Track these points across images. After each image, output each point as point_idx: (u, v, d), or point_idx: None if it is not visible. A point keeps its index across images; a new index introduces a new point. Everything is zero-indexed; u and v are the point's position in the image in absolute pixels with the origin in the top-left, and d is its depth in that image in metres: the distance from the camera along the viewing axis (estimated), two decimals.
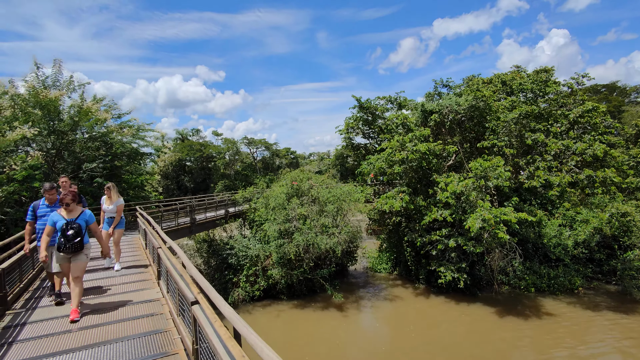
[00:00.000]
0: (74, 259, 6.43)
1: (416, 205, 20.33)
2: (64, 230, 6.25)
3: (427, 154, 19.81)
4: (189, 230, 19.49)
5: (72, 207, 6.41)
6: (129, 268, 9.69)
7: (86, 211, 6.67)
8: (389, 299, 20.73)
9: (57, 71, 17.05)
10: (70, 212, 6.42)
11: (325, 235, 19.56)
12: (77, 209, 6.56)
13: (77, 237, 6.28)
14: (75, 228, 6.29)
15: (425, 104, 22.39)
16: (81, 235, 6.36)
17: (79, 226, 6.34)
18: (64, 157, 17.25)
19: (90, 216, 6.66)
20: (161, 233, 8.59)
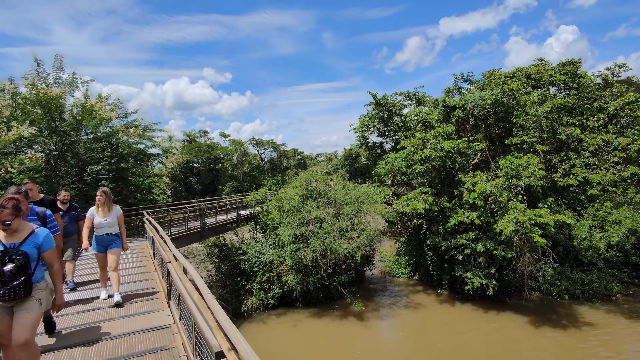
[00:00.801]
0: (17, 311, 3.93)
1: (440, 207, 19.04)
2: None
3: (451, 152, 18.52)
4: (200, 235, 18.44)
5: (14, 225, 4.00)
6: (134, 282, 8.58)
7: (38, 232, 4.19)
8: (411, 307, 19.46)
9: (58, 67, 16.11)
10: (11, 235, 4.03)
11: (343, 239, 18.38)
12: (24, 227, 4.13)
13: (20, 275, 3.85)
14: (18, 260, 3.86)
15: (447, 99, 21.09)
16: (27, 272, 3.89)
17: (24, 256, 3.91)
18: (67, 159, 16.29)
19: (46, 238, 4.19)
20: (170, 245, 7.47)
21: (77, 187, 16.18)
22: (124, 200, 19.99)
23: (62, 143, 15.30)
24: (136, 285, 8.37)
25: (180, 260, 6.08)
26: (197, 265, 23.11)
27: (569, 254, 21.37)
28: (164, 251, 7.24)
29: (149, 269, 9.89)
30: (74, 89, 16.52)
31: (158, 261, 8.90)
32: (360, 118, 27.02)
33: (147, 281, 8.65)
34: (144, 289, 7.99)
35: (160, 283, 8.22)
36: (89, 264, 10.97)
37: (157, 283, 8.39)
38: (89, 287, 8.48)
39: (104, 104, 16.87)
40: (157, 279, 8.75)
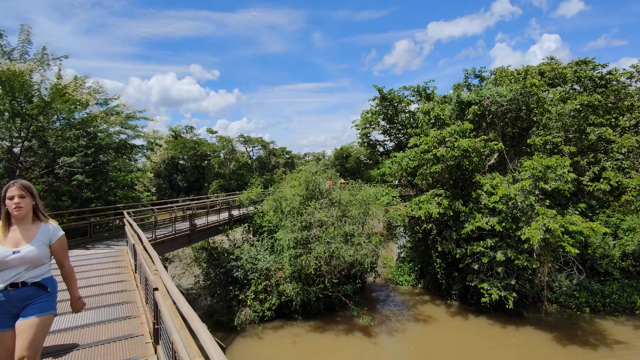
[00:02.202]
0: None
1: (455, 211, 17.42)
2: None
3: (468, 152, 16.91)
4: (188, 238, 16.33)
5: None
6: (109, 307, 6.54)
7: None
8: (421, 320, 17.77)
9: (25, 39, 13.72)
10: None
11: (349, 245, 16.56)
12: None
13: None
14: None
15: (461, 94, 19.49)
16: None
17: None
18: (34, 149, 13.96)
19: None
20: (157, 262, 5.48)
21: (46, 181, 13.89)
22: (103, 198, 17.68)
23: (28, 129, 12.99)
24: (112, 311, 6.34)
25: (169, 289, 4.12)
26: (184, 271, 20.92)
27: (585, 263, 20.06)
28: (149, 270, 5.26)
29: (129, 286, 7.84)
30: (45, 67, 14.17)
31: (141, 279, 6.89)
32: (363, 114, 25.25)
33: (127, 305, 6.62)
34: (122, 318, 5.98)
35: (143, 310, 6.22)
36: None
37: (140, 309, 6.38)
38: None
39: (80, 85, 14.54)
40: (138, 302, 6.74)
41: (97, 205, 16.53)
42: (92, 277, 8.64)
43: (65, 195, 14.95)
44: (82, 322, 5.86)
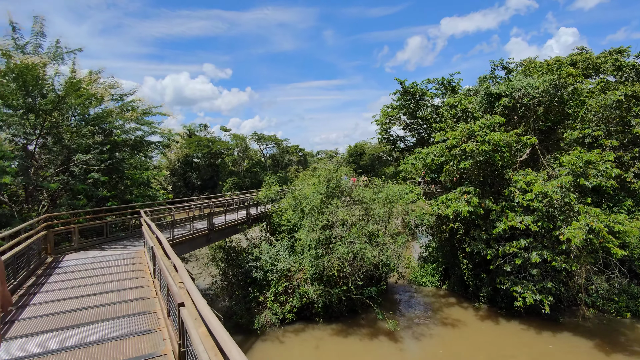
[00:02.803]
0: None
1: (485, 210, 16.45)
2: None
3: (500, 146, 15.90)
4: (207, 238, 15.76)
5: None
6: (126, 318, 5.91)
7: None
8: (449, 324, 16.87)
9: (38, 32, 13.24)
10: None
11: (374, 245, 15.78)
12: None
13: None
14: None
15: (490, 86, 18.43)
16: None
17: None
18: (48, 146, 13.54)
19: None
20: (181, 270, 4.78)
21: (61, 179, 13.45)
22: (119, 196, 17.25)
23: (42, 125, 12.53)
24: (130, 323, 5.70)
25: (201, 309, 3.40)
26: (201, 271, 20.44)
27: (624, 264, 18.82)
28: (172, 280, 4.58)
29: (147, 292, 7.22)
30: (59, 60, 13.72)
31: (161, 286, 6.25)
32: (383, 109, 24.35)
33: (146, 316, 5.98)
34: (141, 332, 5.33)
35: (164, 322, 5.56)
36: None
37: (160, 321, 5.73)
38: None
39: (94, 81, 14.04)
40: (158, 312, 6.09)
41: (113, 204, 16.11)
42: (109, 281, 8.07)
43: (80, 194, 14.53)
44: (98, 336, 5.23)
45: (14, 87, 11.28)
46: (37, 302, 6.88)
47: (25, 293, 7.42)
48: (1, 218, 11.27)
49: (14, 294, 7.36)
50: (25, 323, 5.84)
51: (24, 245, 8.59)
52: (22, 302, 6.84)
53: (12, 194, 14.62)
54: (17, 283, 7.74)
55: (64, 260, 10.44)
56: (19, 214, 12.00)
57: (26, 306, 6.64)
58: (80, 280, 8.22)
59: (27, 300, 6.96)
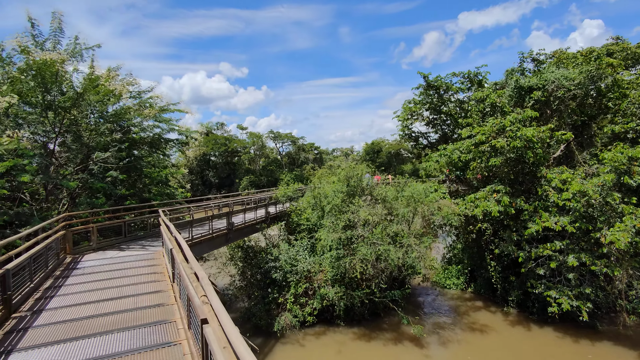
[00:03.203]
0: None
1: (516, 209, 15.57)
2: None
3: (532, 142, 14.98)
4: (226, 238, 15.40)
5: None
6: (144, 328, 5.47)
7: None
8: (476, 329, 16.07)
9: (57, 28, 13.07)
10: None
11: (398, 246, 15.11)
12: None
13: None
14: None
15: (520, 79, 17.46)
16: None
17: None
18: (67, 143, 13.38)
19: None
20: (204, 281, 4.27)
21: (80, 177, 13.28)
22: (137, 195, 17.05)
23: (61, 123, 12.34)
24: (148, 333, 5.25)
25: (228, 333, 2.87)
26: (219, 270, 20.15)
27: None
28: (193, 291, 4.09)
29: (166, 298, 6.79)
30: (78, 58, 13.52)
31: (181, 294, 5.79)
32: (405, 104, 23.54)
33: (165, 325, 5.53)
34: (160, 345, 4.87)
35: (184, 334, 5.09)
36: None
37: (180, 332, 5.26)
38: None
39: (113, 78, 13.79)
40: (178, 321, 5.63)
41: (131, 202, 15.92)
42: (126, 285, 7.70)
43: (99, 193, 14.37)
44: (114, 348, 4.80)
45: (33, 85, 11.11)
46: (53, 306, 6.55)
47: (41, 297, 7.11)
48: (21, 217, 11.12)
49: (30, 298, 7.05)
50: (40, 331, 5.48)
51: (41, 246, 8.31)
52: (37, 307, 6.51)
53: (34, 193, 14.58)
54: (33, 285, 7.46)
55: (82, 261, 10.18)
56: (38, 213, 11.85)
57: (42, 311, 6.30)
58: (98, 283, 7.88)
59: (43, 305, 6.63)
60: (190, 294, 4.15)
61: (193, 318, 4.33)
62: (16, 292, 6.65)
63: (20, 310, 6.30)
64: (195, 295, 3.98)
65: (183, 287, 5.37)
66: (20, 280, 6.92)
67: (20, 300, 6.64)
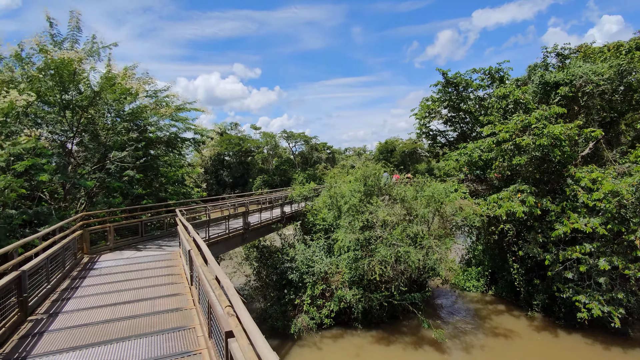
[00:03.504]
0: None
1: (542, 210, 14.94)
2: None
3: (560, 140, 14.33)
4: (242, 238, 15.20)
5: None
6: (162, 333, 5.22)
7: None
8: (500, 334, 15.49)
9: (74, 27, 13.03)
10: None
11: (418, 247, 14.65)
12: None
13: None
14: None
15: (545, 74, 16.79)
16: None
17: None
18: (85, 142, 13.35)
19: None
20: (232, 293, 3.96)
21: (97, 177, 13.23)
22: (154, 194, 16.99)
23: (78, 122, 12.30)
24: (166, 341, 4.99)
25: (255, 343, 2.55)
26: (235, 270, 19.99)
27: None
28: (215, 298, 3.81)
29: (184, 302, 6.55)
30: (95, 57, 13.45)
31: (200, 298, 5.53)
32: (423, 102, 23.00)
33: (184, 332, 5.27)
34: (179, 354, 4.59)
35: (204, 342, 4.81)
36: None
37: (200, 340, 4.99)
38: None
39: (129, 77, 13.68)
40: (197, 328, 5.36)
41: (148, 201, 15.85)
42: (143, 287, 7.49)
43: (116, 192, 14.32)
44: (131, 357, 4.54)
45: (51, 84, 11.06)
46: (69, 309, 6.37)
47: (58, 298, 6.95)
48: (39, 216, 11.10)
49: (47, 299, 6.91)
50: (55, 336, 5.28)
51: (59, 246, 8.19)
52: (53, 310, 6.35)
53: (53, 192, 14.63)
54: (50, 287, 7.31)
55: (99, 261, 10.07)
56: (56, 212, 11.82)
57: (58, 314, 6.13)
58: (115, 285, 7.70)
59: (59, 307, 6.47)
60: (212, 301, 3.86)
61: (214, 327, 4.04)
62: (33, 294, 6.50)
63: (37, 313, 6.14)
64: (217, 303, 3.68)
65: (203, 291, 5.11)
66: (37, 281, 6.78)
67: (36, 302, 6.49)
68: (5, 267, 5.81)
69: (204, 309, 5.18)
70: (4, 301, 5.38)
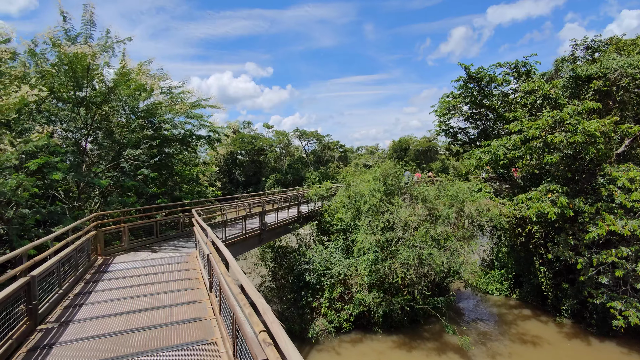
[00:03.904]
0: None
1: (575, 211, 14.11)
2: None
3: (595, 137, 13.48)
4: (259, 238, 14.76)
5: None
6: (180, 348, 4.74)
7: None
8: (528, 341, 14.74)
9: (88, 20, 12.70)
10: None
11: (442, 250, 13.99)
12: None
13: None
14: None
15: (577, 68, 15.90)
16: None
17: None
18: (99, 140, 13.05)
19: None
20: (266, 312, 3.45)
21: (111, 175, 12.92)
22: (168, 193, 16.67)
23: (92, 119, 11.98)
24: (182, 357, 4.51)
25: None
26: (250, 270, 19.60)
27: None
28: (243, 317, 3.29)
29: (203, 311, 6.08)
30: (109, 52, 13.10)
31: (221, 309, 5.05)
32: (443, 98, 22.21)
33: (205, 347, 4.78)
34: None
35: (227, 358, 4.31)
36: None
37: (223, 356, 4.48)
38: None
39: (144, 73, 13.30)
40: (220, 344, 4.88)
41: (163, 201, 15.53)
42: (159, 293, 7.06)
43: (130, 191, 14.02)
44: None
45: (64, 79, 10.75)
46: (81, 317, 5.97)
47: (70, 305, 6.57)
48: (53, 216, 10.82)
49: (58, 305, 6.53)
50: (65, 349, 4.87)
51: (72, 248, 7.83)
52: (64, 318, 5.95)
53: (68, 191, 14.41)
54: (62, 292, 6.94)
55: (113, 263, 9.71)
56: (70, 212, 11.54)
57: (69, 323, 5.73)
58: (129, 290, 7.30)
59: (71, 315, 6.07)
60: (239, 319, 3.35)
61: (241, 347, 3.53)
62: (43, 300, 6.13)
63: (47, 322, 5.74)
64: (246, 323, 3.18)
65: (225, 302, 4.62)
66: (48, 286, 6.39)
67: (47, 309, 6.11)
68: (14, 272, 5.41)
69: (226, 322, 4.69)
70: (12, 309, 4.99)
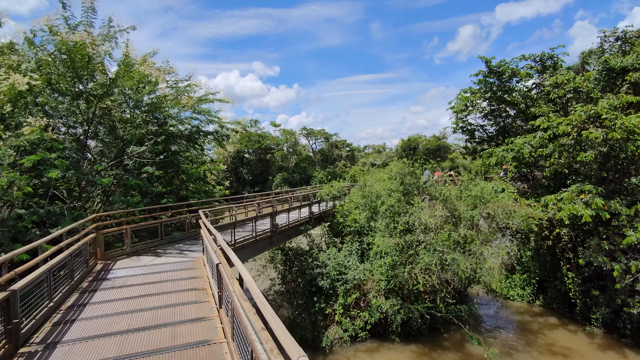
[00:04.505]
0: None
1: (611, 213, 13.05)
2: None
3: (635, 133, 12.42)
4: (270, 241, 13.91)
5: None
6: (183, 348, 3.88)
7: None
8: (558, 352, 13.72)
9: (89, 7, 11.85)
10: None
11: (466, 254, 13.02)
12: None
13: None
14: None
15: (610, 59, 14.81)
16: None
17: None
18: (101, 136, 12.27)
19: None
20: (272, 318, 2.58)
21: (114, 174, 12.14)
22: (174, 192, 15.88)
23: (93, 113, 11.19)
24: None
25: None
26: (259, 273, 18.79)
27: None
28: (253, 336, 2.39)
29: (212, 331, 5.22)
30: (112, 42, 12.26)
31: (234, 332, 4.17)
32: (461, 94, 21.21)
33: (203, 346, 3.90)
34: None
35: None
36: None
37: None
38: None
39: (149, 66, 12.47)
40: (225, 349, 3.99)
41: (168, 200, 14.74)
42: (162, 307, 6.22)
43: (134, 190, 13.25)
44: None
45: (63, 70, 9.97)
46: (71, 338, 5.14)
47: (60, 321, 5.74)
48: (50, 217, 10.06)
49: (47, 321, 5.71)
50: None
51: (66, 254, 7.04)
52: (52, 338, 5.12)
53: (70, 190, 13.69)
54: (53, 305, 6.12)
55: (113, 269, 8.91)
56: (70, 212, 10.78)
57: (56, 346, 4.90)
58: (129, 303, 6.47)
59: (59, 335, 5.25)
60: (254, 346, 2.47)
61: None
62: (29, 316, 5.31)
63: (31, 343, 4.92)
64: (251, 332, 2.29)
65: (239, 327, 3.75)
66: (35, 299, 5.57)
67: (33, 327, 5.28)
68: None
69: (240, 350, 3.82)
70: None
